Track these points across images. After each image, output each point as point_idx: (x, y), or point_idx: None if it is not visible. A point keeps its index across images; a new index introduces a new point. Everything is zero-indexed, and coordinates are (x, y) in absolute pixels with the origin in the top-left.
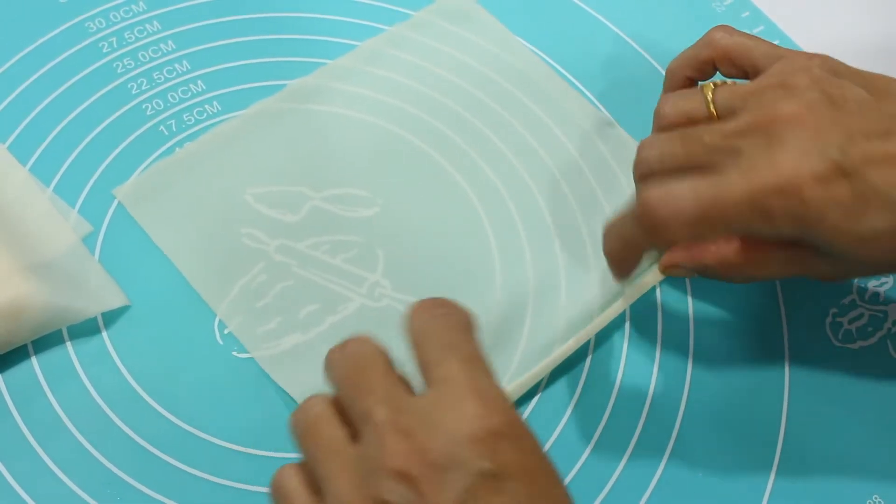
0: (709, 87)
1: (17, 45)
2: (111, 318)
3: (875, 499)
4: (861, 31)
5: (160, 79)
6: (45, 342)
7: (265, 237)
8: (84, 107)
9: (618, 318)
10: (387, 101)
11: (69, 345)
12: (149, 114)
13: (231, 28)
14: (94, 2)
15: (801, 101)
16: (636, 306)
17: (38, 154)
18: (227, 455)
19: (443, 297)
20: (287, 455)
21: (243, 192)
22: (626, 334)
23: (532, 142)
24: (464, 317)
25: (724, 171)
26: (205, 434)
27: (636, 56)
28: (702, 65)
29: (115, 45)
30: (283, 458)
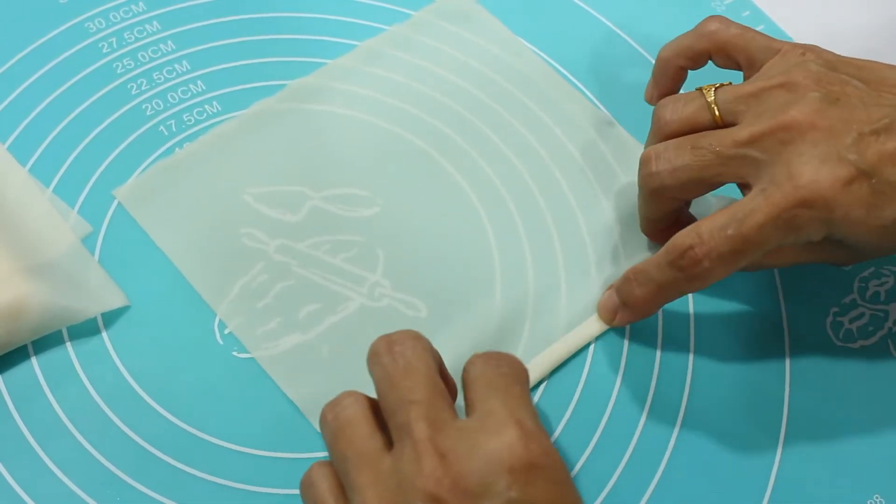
0: (708, 90)
1: (17, 45)
2: (111, 318)
3: (876, 498)
4: (861, 31)
5: (160, 79)
6: (45, 342)
7: (265, 237)
8: (84, 107)
9: None
10: (387, 101)
11: (69, 345)
12: (149, 114)
13: (231, 28)
14: (94, 2)
15: (807, 104)
16: None
17: (37, 154)
18: (227, 455)
19: (502, 351)
20: (287, 455)
21: (243, 192)
22: (627, 333)
23: (532, 142)
24: (517, 368)
25: (743, 187)
26: (204, 434)
27: (636, 56)
28: (696, 55)
29: (114, 46)
30: (283, 458)
